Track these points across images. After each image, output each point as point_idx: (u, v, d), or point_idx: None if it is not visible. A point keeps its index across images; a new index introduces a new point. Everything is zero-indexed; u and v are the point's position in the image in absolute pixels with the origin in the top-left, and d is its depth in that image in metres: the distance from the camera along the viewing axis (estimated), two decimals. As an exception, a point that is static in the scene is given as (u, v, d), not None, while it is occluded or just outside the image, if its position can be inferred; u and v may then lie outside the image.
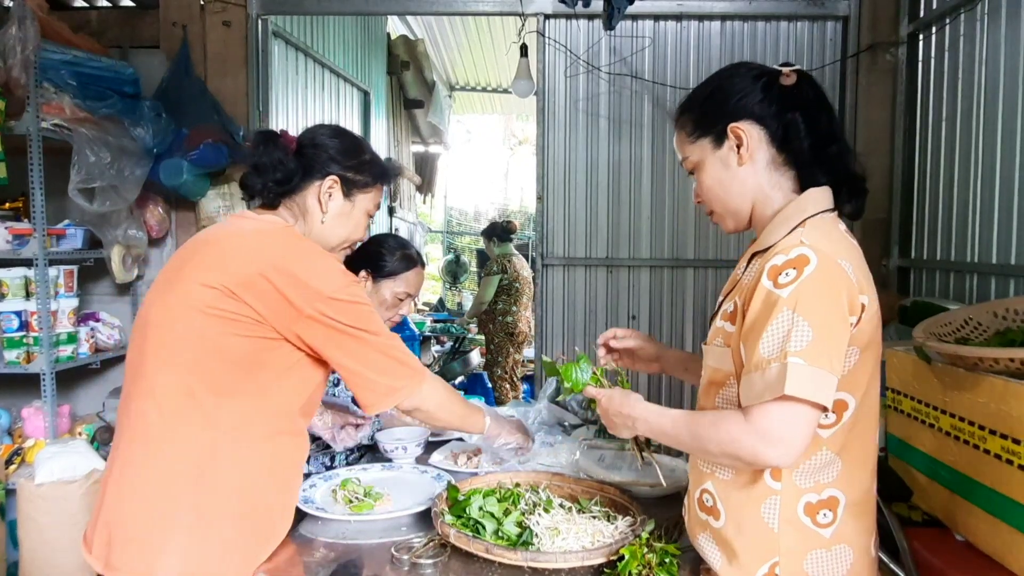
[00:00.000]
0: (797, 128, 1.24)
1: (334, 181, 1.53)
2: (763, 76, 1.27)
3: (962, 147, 2.97)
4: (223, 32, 3.66)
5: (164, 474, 1.34)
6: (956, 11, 3.01)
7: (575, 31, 3.75)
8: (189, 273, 1.38)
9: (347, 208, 1.57)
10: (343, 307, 1.38)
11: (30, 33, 2.73)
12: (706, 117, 1.30)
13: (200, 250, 1.44)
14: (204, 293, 1.34)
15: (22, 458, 2.94)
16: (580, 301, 3.84)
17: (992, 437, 1.47)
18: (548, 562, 1.31)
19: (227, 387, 1.36)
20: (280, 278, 1.34)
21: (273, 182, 1.50)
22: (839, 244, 1.17)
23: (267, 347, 1.37)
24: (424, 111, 7.69)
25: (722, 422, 1.17)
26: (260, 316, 1.35)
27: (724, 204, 1.32)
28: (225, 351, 1.35)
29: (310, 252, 1.43)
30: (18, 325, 2.95)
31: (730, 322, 1.25)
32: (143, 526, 1.34)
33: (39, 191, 2.90)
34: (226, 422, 1.36)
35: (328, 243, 1.57)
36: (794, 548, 1.19)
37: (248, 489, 1.38)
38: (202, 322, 1.34)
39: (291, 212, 1.54)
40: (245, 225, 1.48)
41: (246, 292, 1.34)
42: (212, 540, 1.34)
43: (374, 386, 1.43)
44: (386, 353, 1.45)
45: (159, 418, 1.35)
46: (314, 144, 1.55)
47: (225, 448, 1.36)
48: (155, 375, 1.37)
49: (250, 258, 1.38)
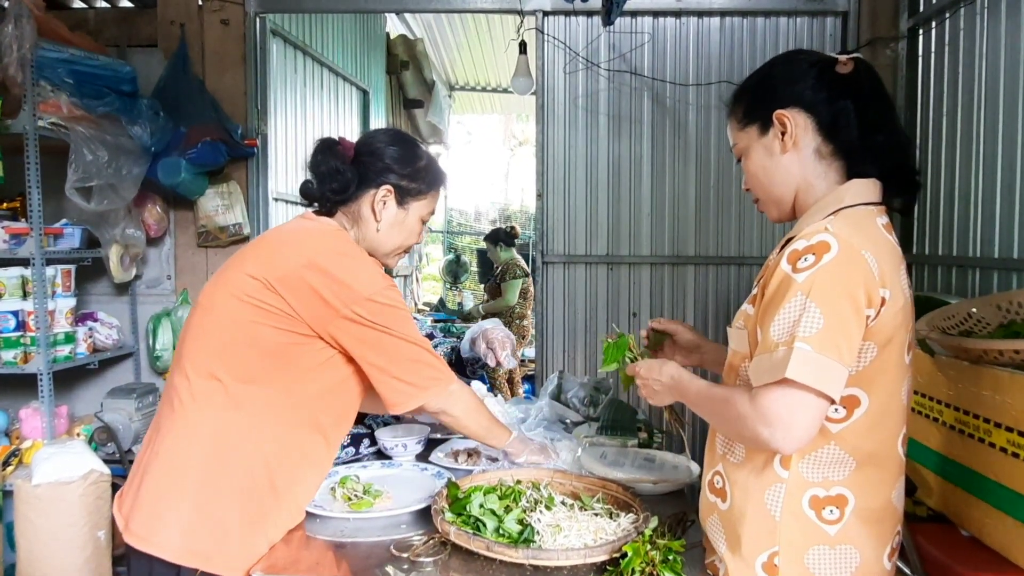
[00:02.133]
0: (847, 117, 1.22)
1: (388, 191, 1.55)
2: (818, 63, 1.25)
3: (963, 142, 2.96)
4: (221, 30, 3.64)
5: (180, 448, 1.40)
6: (956, 6, 2.99)
7: (574, 28, 3.73)
8: (241, 263, 1.46)
9: (401, 216, 1.59)
10: (379, 308, 1.42)
11: (27, 31, 2.72)
12: (755, 104, 1.29)
13: (259, 243, 1.54)
14: (247, 282, 1.40)
15: (19, 459, 2.93)
16: (581, 299, 3.82)
17: (997, 430, 1.45)
18: (550, 559, 1.30)
19: (251, 374, 1.41)
20: (317, 277, 1.39)
21: (330, 191, 1.53)
22: (867, 236, 1.15)
23: (298, 342, 1.42)
24: (424, 111, 7.68)
25: (731, 398, 1.18)
26: (294, 311, 1.39)
27: (767, 192, 1.31)
28: (255, 340, 1.40)
29: (350, 253, 1.47)
30: (15, 325, 2.93)
31: (752, 304, 1.24)
32: (154, 495, 1.40)
33: (36, 190, 2.88)
34: (247, 407, 1.40)
35: (382, 250, 1.60)
36: (795, 540, 1.18)
37: (257, 476, 1.41)
38: (237, 308, 1.40)
39: (347, 219, 1.57)
40: (302, 224, 1.54)
41: (283, 287, 1.39)
42: (213, 521, 1.37)
43: (400, 386, 1.47)
44: (415, 357, 1.48)
45: (187, 394, 1.41)
46: (371, 152, 1.56)
47: (241, 431, 1.40)
48: (191, 353, 1.44)
49: (292, 255, 1.42)
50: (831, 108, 1.22)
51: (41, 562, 2.65)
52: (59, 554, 2.63)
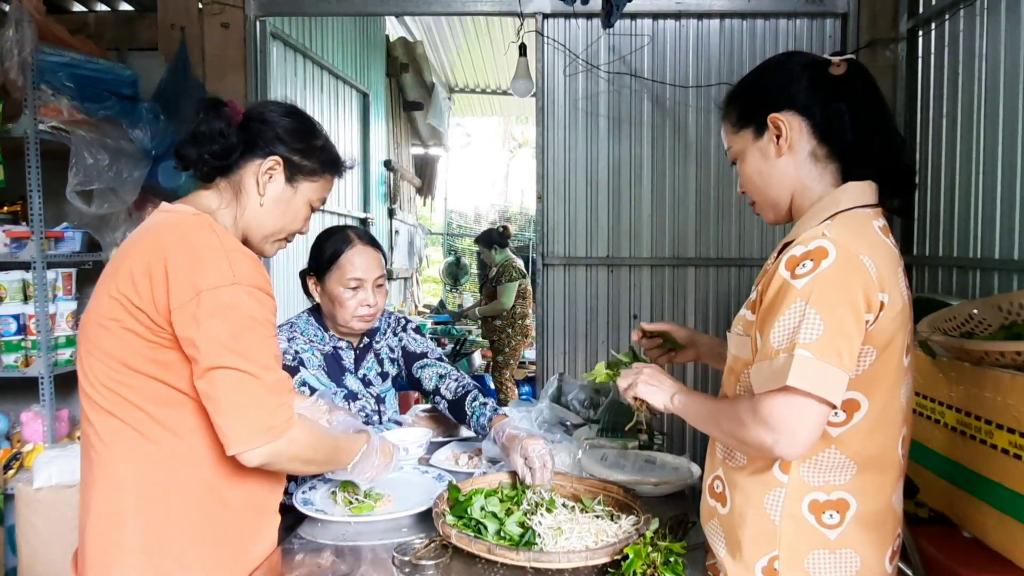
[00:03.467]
0: (841, 120, 1.21)
1: (276, 162, 1.39)
2: (811, 65, 1.24)
3: (963, 143, 2.96)
4: (221, 34, 3.65)
5: (110, 502, 1.30)
6: (955, 7, 3.00)
7: (574, 30, 3.74)
8: (103, 284, 1.32)
9: (288, 194, 1.43)
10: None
11: (27, 35, 2.72)
12: (749, 107, 1.28)
13: (116, 256, 1.37)
14: (109, 305, 1.28)
15: (20, 463, 2.93)
16: (581, 301, 3.82)
17: (999, 432, 1.45)
18: (551, 562, 1.30)
19: (148, 400, 1.29)
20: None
21: (209, 154, 1.36)
22: (865, 240, 1.15)
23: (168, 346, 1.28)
24: (423, 113, 7.69)
25: (734, 407, 1.18)
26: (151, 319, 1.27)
27: (763, 195, 1.31)
28: (131, 361, 1.28)
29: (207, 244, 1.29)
30: (16, 329, 2.94)
31: (751, 310, 1.24)
32: (99, 560, 1.30)
33: (37, 194, 2.88)
34: (161, 435, 1.28)
35: (261, 230, 1.43)
36: (795, 544, 1.18)
37: (204, 500, 1.31)
38: (103, 335, 1.29)
39: (224, 193, 1.40)
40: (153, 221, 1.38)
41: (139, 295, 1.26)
42: (170, 563, 1.28)
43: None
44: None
45: (98, 440, 1.31)
46: (262, 119, 1.41)
47: (166, 462, 1.28)
48: (85, 396, 1.36)
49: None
50: (825, 111, 1.22)
51: (43, 565, 2.65)
52: (60, 557, 2.63)
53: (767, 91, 1.26)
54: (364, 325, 1.98)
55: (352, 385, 2.00)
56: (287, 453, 1.27)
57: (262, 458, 1.23)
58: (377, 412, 2.04)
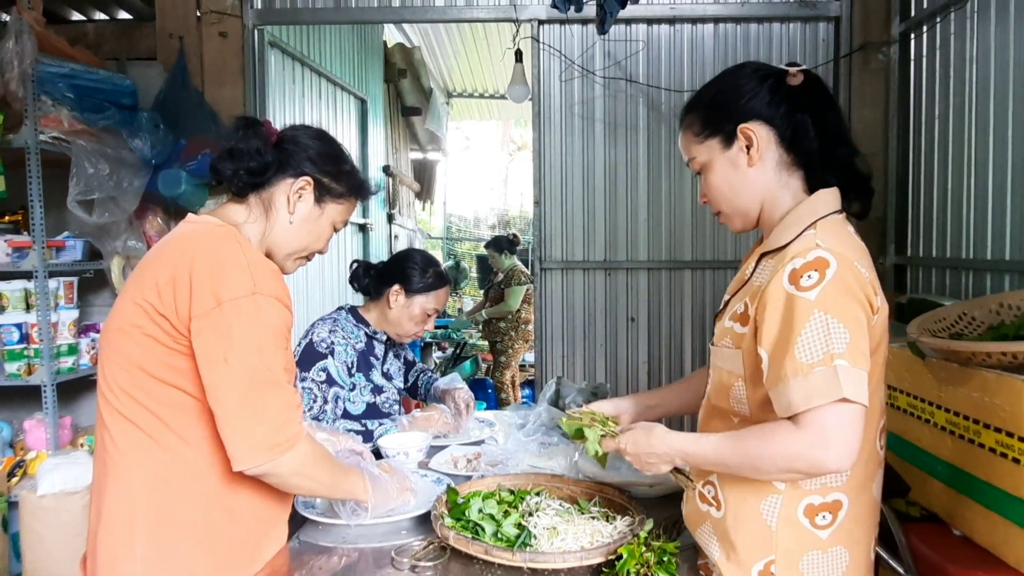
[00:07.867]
0: (806, 129, 1.23)
1: (307, 182, 1.45)
2: (770, 76, 1.26)
3: (955, 144, 2.99)
4: (219, 43, 3.68)
5: (122, 509, 1.31)
6: (947, 10, 3.03)
7: (569, 36, 3.77)
8: (127, 291, 1.35)
9: (315, 214, 1.49)
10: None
11: (27, 47, 2.75)
12: (714, 118, 1.28)
13: (140, 265, 1.40)
14: (132, 311, 1.30)
15: (24, 470, 2.95)
16: (579, 304, 3.85)
17: (986, 431, 1.48)
18: (546, 562, 1.32)
19: (162, 406, 1.31)
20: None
21: (245, 170, 1.41)
22: (852, 247, 1.17)
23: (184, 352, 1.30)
24: (422, 118, 7.71)
25: (773, 435, 1.12)
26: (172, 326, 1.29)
27: (733, 205, 1.32)
28: (150, 367, 1.30)
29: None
30: (19, 337, 2.96)
31: (739, 323, 1.24)
32: (109, 566, 1.31)
33: (38, 203, 2.91)
34: (171, 441, 1.30)
35: (287, 247, 1.48)
36: (791, 548, 1.20)
37: (211, 509, 1.33)
38: (124, 342, 1.32)
39: (254, 208, 1.45)
40: (181, 231, 1.41)
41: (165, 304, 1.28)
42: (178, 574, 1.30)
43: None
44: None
45: (112, 445, 1.32)
46: (295, 141, 1.48)
47: (175, 470, 1.30)
48: (104, 401, 1.35)
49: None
50: (791, 120, 1.24)
51: (47, 572, 2.67)
52: (64, 564, 2.65)
53: (732, 102, 1.26)
54: (408, 339, 2.36)
55: (378, 379, 2.28)
56: (288, 467, 1.29)
57: (263, 471, 1.27)
58: (398, 403, 2.36)
